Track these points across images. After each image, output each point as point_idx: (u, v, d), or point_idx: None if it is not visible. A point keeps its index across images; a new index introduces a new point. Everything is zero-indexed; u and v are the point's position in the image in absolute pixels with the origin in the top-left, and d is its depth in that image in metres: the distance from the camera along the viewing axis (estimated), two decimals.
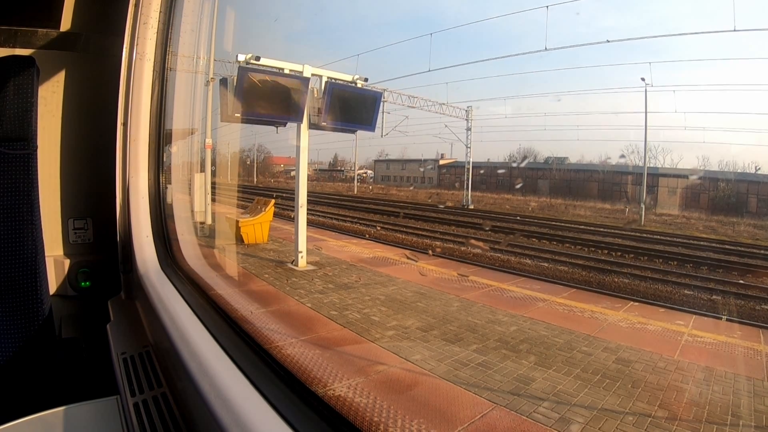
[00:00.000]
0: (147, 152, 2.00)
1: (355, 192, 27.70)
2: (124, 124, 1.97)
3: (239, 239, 7.64)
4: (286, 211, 14.65)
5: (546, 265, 8.90)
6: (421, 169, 31.07)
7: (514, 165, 26.41)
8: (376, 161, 35.60)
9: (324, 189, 29.40)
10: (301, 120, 6.27)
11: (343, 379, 3.04)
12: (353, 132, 7.56)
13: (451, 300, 5.47)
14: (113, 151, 1.98)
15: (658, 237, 11.54)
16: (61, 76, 2.05)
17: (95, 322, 1.87)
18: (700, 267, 8.51)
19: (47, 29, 2.00)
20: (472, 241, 10.74)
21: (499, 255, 9.73)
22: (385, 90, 16.20)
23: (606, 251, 9.92)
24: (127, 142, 1.97)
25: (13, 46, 1.95)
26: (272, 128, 6.54)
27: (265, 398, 0.94)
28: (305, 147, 6.52)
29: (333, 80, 6.30)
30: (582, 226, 13.24)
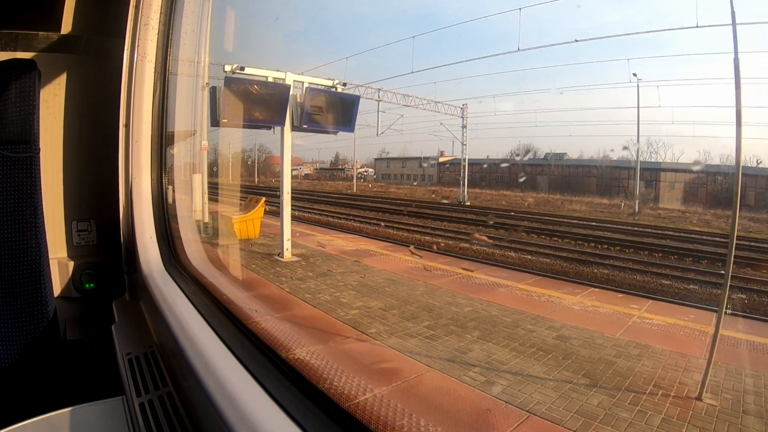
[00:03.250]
0: (149, 153, 2.00)
1: (354, 190, 27.85)
2: (126, 126, 1.98)
3: (233, 235, 7.98)
4: (300, 212, 15.42)
5: (529, 257, 9.04)
6: (423, 166, 31.08)
7: (515, 161, 26.42)
8: (376, 159, 35.81)
9: (324, 188, 29.75)
10: (284, 124, 6.65)
11: (310, 346, 3.33)
12: (334, 133, 7.98)
13: (417, 285, 5.79)
14: (116, 153, 1.98)
15: (650, 230, 11.58)
16: (62, 79, 2.05)
17: (100, 324, 1.88)
18: (684, 258, 8.59)
19: (48, 32, 2.00)
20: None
21: (485, 248, 9.88)
22: (380, 89, 16.94)
23: (593, 244, 10.03)
24: (130, 143, 1.97)
25: (15, 50, 1.95)
26: (272, 129, 6.91)
27: (270, 396, 0.94)
28: (288, 148, 6.97)
29: (313, 86, 6.74)
30: (574, 221, 13.29)
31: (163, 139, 2.06)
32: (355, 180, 30.65)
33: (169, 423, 1.14)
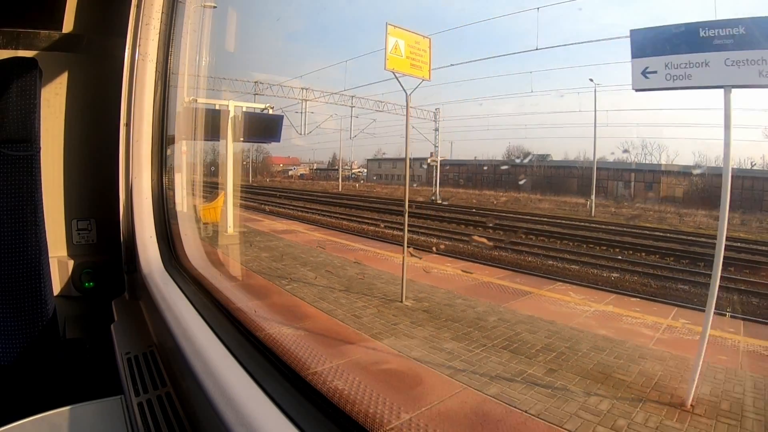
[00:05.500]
0: (150, 153, 2.00)
1: (340, 189, 28.44)
2: (127, 125, 1.98)
3: (199, 218, 9.29)
4: (274, 207, 16.90)
5: (448, 242, 10.22)
6: (413, 167, 31.43)
7: (500, 162, 27.22)
8: (369, 160, 36.54)
9: (313, 187, 31.35)
10: (227, 137, 8.69)
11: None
12: (267, 143, 10.99)
13: (305, 249, 7.99)
14: (116, 152, 1.98)
15: (594, 225, 11.92)
16: (63, 78, 2.05)
17: (99, 323, 1.88)
18: (609, 248, 9.13)
19: (49, 31, 2.00)
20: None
21: (417, 236, 10.75)
22: (353, 96, 19.90)
23: (523, 235, 10.63)
24: (130, 142, 1.98)
25: (16, 48, 1.95)
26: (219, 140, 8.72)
27: (269, 397, 0.94)
28: (231, 154, 9.16)
29: (249, 110, 9.14)
30: (527, 217, 13.75)
31: (163, 139, 2.06)
32: (340, 180, 31.26)
33: (168, 423, 1.14)
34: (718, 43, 2.78)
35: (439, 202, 19.65)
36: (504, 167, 26.84)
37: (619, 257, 8.29)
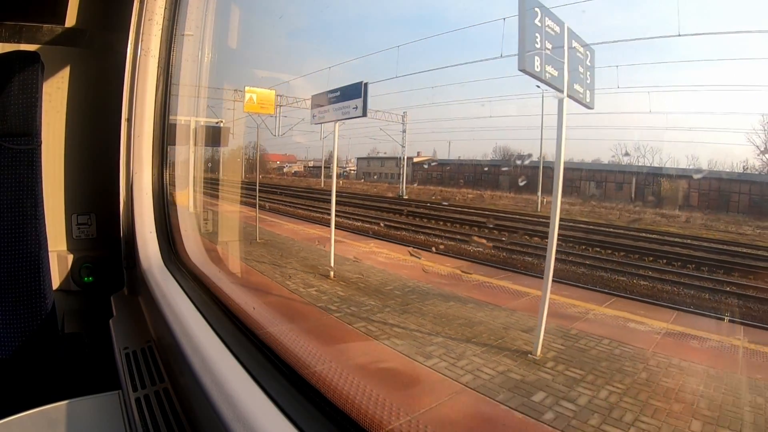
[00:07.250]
0: (151, 148, 2.00)
1: (322, 185, 29.52)
2: (128, 121, 1.98)
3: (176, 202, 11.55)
4: (246, 198, 18.49)
5: (376, 227, 11.61)
6: (399, 166, 32.26)
7: (479, 162, 28.80)
8: (358, 158, 37.71)
9: (299, 184, 32.05)
10: (189, 144, 10.13)
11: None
12: (216, 147, 12.39)
13: (244, 224, 9.54)
14: (117, 147, 1.98)
15: (518, 217, 12.72)
16: (65, 72, 2.05)
17: (98, 318, 1.88)
18: (497, 232, 10.31)
19: (52, 25, 2.00)
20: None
21: (362, 224, 12.16)
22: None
23: (448, 223, 11.66)
24: (131, 138, 1.98)
25: (18, 42, 1.95)
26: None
27: (266, 394, 0.94)
28: (193, 153, 10.61)
29: (207, 123, 10.26)
30: (476, 210, 14.52)
31: (164, 135, 2.06)
32: (322, 177, 32.41)
33: (165, 418, 1.14)
34: (333, 100, 6.00)
35: (405, 197, 20.98)
36: (485, 167, 27.53)
37: (495, 237, 9.86)
